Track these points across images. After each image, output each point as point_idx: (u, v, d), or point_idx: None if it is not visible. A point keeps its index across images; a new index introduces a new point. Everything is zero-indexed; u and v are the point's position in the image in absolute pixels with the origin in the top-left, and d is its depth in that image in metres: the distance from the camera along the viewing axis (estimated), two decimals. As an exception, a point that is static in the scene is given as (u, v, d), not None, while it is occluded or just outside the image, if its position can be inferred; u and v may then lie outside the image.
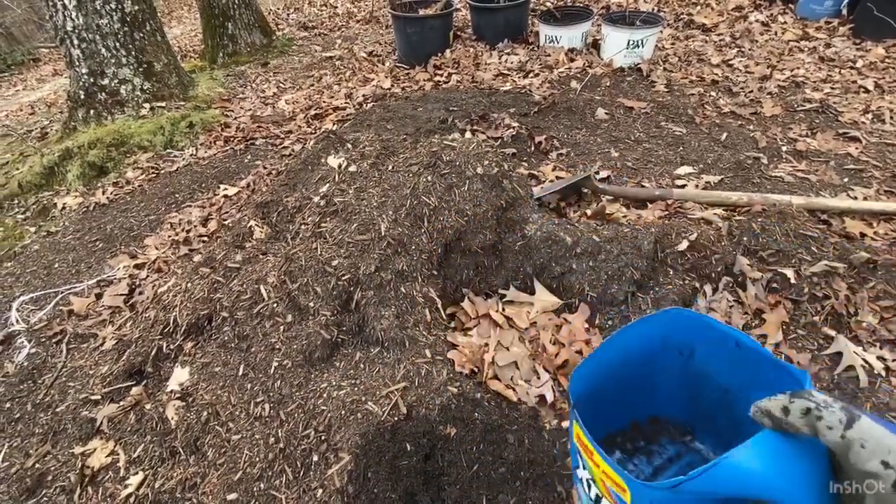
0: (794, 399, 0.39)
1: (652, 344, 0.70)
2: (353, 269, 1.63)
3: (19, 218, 2.95)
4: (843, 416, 0.36)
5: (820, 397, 0.38)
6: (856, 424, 0.36)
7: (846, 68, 3.13)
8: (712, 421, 0.77)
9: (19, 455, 1.59)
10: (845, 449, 0.36)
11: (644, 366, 0.73)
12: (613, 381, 0.72)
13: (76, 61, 3.50)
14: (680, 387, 0.77)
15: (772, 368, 0.60)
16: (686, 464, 0.78)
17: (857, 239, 1.84)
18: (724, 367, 0.68)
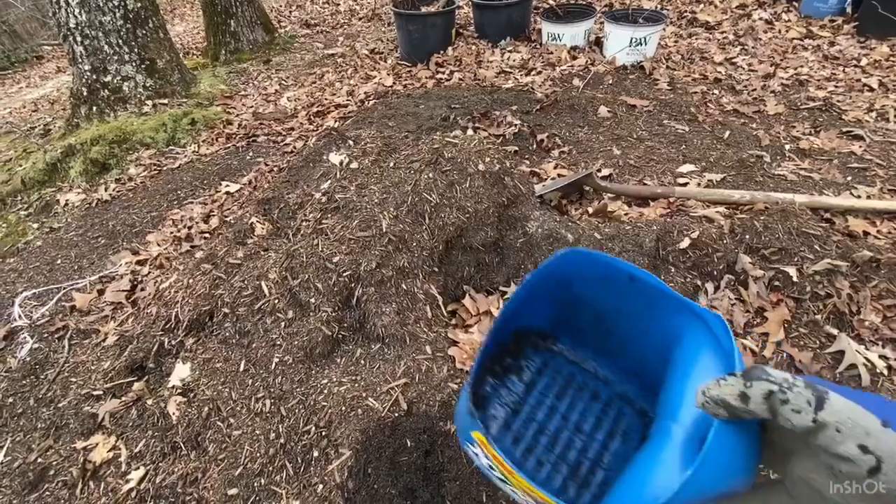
0: (751, 382, 0.33)
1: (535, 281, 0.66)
2: (354, 265, 1.63)
3: (22, 214, 2.96)
4: (810, 395, 0.31)
5: (778, 375, 0.33)
6: (826, 404, 0.31)
7: (850, 66, 3.11)
8: (579, 331, 0.77)
9: (22, 449, 1.59)
10: (813, 432, 0.31)
11: (520, 303, 0.69)
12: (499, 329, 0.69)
13: (79, 58, 3.51)
14: (551, 307, 0.75)
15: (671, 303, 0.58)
16: (554, 370, 0.78)
17: (860, 237, 1.84)
18: (607, 295, 0.67)
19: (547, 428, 0.72)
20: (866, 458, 0.29)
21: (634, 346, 0.69)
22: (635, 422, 0.72)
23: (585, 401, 0.75)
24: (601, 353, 0.77)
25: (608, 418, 0.73)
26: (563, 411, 0.74)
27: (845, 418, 0.30)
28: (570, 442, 0.71)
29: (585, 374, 0.78)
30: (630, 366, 0.73)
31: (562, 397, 0.75)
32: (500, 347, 0.78)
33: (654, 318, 0.62)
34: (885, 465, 0.28)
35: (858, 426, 0.29)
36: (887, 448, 0.28)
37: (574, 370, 0.78)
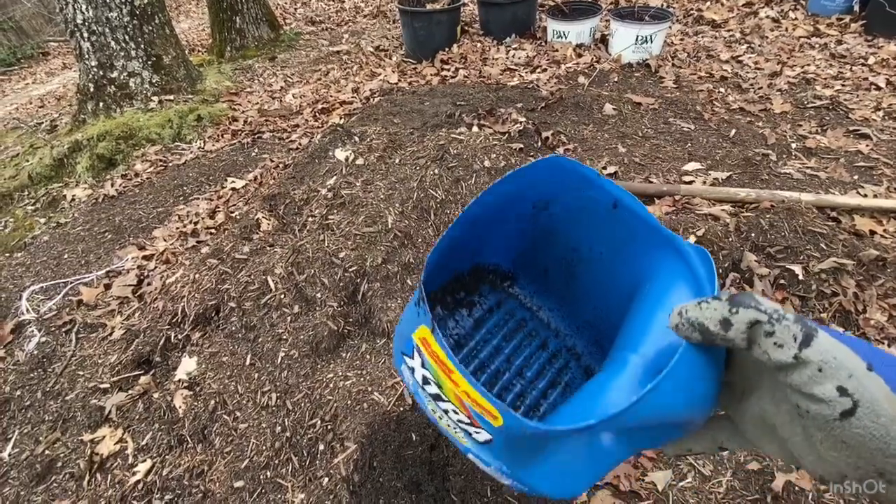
0: (737, 308, 0.30)
1: (507, 199, 0.60)
2: (359, 260, 1.64)
3: (29, 209, 2.98)
4: (797, 331, 0.29)
5: (769, 305, 0.30)
6: (814, 342, 0.28)
7: (857, 65, 3.10)
8: (542, 273, 0.72)
9: (30, 442, 1.61)
10: (789, 369, 0.29)
11: (491, 219, 0.63)
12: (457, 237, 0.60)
13: (86, 54, 3.52)
14: (519, 239, 0.69)
15: (653, 236, 0.52)
16: (506, 312, 0.75)
17: (866, 236, 1.83)
18: (584, 227, 0.61)
19: (488, 366, 0.69)
20: (842, 399, 0.27)
21: (600, 293, 0.65)
22: (579, 376, 0.69)
23: (532, 348, 0.72)
24: (560, 298, 0.73)
25: (552, 369, 0.70)
26: (508, 353, 0.71)
27: (831, 358, 0.28)
28: (510, 384, 0.68)
29: (538, 321, 0.74)
30: (587, 316, 0.70)
31: (509, 340, 0.72)
32: (455, 278, 0.74)
33: (628, 256, 0.57)
34: (860, 410, 0.27)
35: (843, 367, 0.27)
36: (868, 392, 0.27)
37: (527, 316, 0.75)
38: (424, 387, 0.50)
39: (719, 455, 1.32)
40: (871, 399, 0.27)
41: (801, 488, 1.22)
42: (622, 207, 0.54)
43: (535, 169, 0.56)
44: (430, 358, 0.47)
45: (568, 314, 0.74)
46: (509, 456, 0.46)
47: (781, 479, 1.23)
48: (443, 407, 0.49)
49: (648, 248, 0.53)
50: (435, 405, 0.50)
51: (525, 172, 0.56)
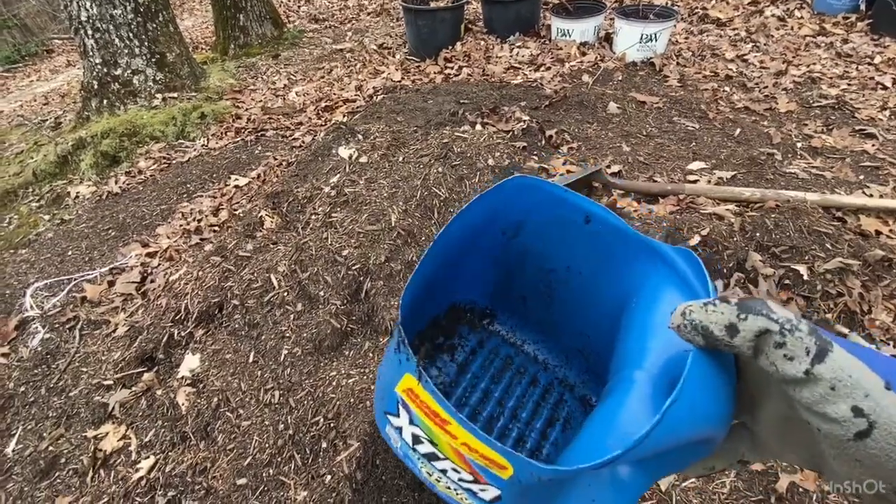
0: (745, 314, 0.28)
1: (475, 225, 0.56)
2: (363, 258, 1.64)
3: (33, 206, 2.99)
4: (811, 344, 0.26)
5: (781, 313, 0.28)
6: (828, 358, 0.26)
7: (863, 64, 3.08)
8: (521, 302, 0.69)
9: (33, 438, 1.62)
10: (799, 384, 0.27)
11: (461, 252, 0.59)
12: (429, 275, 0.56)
13: (90, 51, 3.53)
14: (493, 269, 0.66)
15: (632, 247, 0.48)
16: (490, 351, 0.71)
17: (872, 237, 1.82)
18: (558, 246, 0.58)
19: (480, 413, 0.65)
20: (858, 420, 0.25)
21: (584, 316, 0.62)
22: (577, 409, 0.66)
23: (523, 386, 0.69)
24: (544, 328, 0.70)
25: (547, 405, 0.66)
26: (499, 396, 0.67)
27: (845, 376, 0.26)
28: (505, 429, 0.64)
29: (524, 356, 0.71)
30: (575, 343, 0.67)
31: (497, 381, 0.68)
32: (432, 323, 0.71)
33: (609, 272, 0.53)
34: (876, 431, 0.25)
35: (859, 386, 0.25)
36: (886, 413, 0.25)
37: (511, 352, 0.72)
38: (416, 447, 0.45)
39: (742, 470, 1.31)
40: (889, 420, 0.25)
41: (805, 489, 1.21)
42: (596, 221, 0.51)
43: (500, 191, 0.53)
44: (420, 411, 0.42)
45: (554, 344, 0.71)
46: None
47: (785, 480, 1.22)
48: (440, 467, 0.44)
49: (629, 259, 0.50)
50: (430, 467, 0.45)
51: (490, 196, 0.53)
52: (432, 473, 0.45)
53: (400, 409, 0.45)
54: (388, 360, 0.47)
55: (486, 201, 0.53)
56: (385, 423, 0.49)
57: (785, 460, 0.35)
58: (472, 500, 0.43)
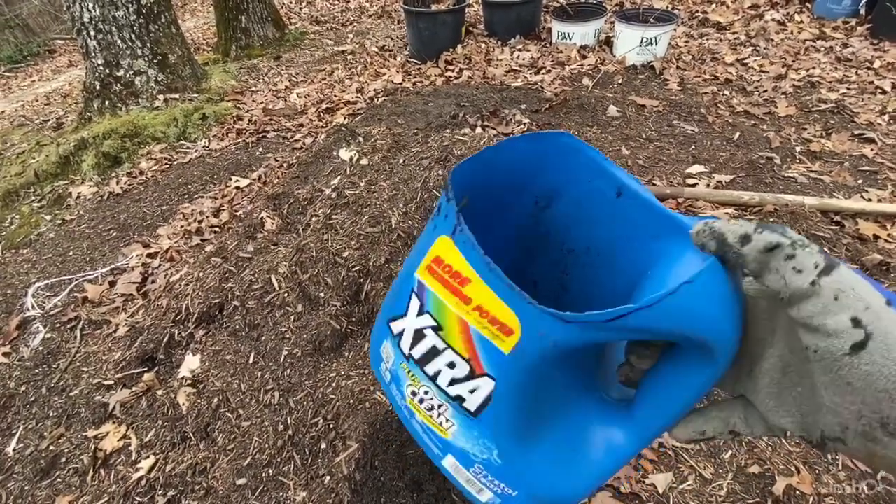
0: (762, 229, 0.30)
1: (511, 180, 0.51)
2: (363, 260, 1.65)
3: (35, 206, 3.00)
4: (820, 259, 0.28)
5: (796, 234, 0.29)
6: (835, 272, 0.27)
7: (863, 69, 3.09)
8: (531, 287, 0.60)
9: (34, 437, 1.62)
10: (804, 297, 0.28)
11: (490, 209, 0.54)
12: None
13: (92, 52, 3.54)
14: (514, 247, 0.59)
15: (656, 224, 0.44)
16: None
17: (870, 241, 1.83)
18: (583, 223, 0.52)
19: None
20: (855, 331, 0.26)
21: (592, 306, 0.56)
22: None
23: None
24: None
25: None
26: None
27: (849, 288, 0.27)
28: None
29: None
30: None
31: None
32: None
33: (627, 254, 0.49)
34: (871, 343, 0.26)
35: (861, 298, 0.26)
36: (882, 325, 0.26)
37: None
38: (412, 351, 0.42)
39: (732, 443, 1.32)
40: (885, 332, 0.26)
41: (802, 492, 1.22)
42: (627, 195, 0.46)
43: (541, 143, 0.46)
44: (439, 285, 0.39)
45: None
46: (509, 422, 0.39)
47: (782, 483, 1.23)
48: (432, 369, 0.41)
49: (651, 238, 0.46)
50: (422, 380, 0.42)
51: (532, 146, 0.46)
52: (417, 391, 0.43)
53: (410, 302, 0.42)
54: (418, 246, 0.44)
55: (527, 148, 0.47)
56: (382, 339, 0.47)
57: (778, 425, 0.35)
58: (454, 417, 0.41)
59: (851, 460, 1.28)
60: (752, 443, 1.33)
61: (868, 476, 1.24)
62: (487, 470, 0.42)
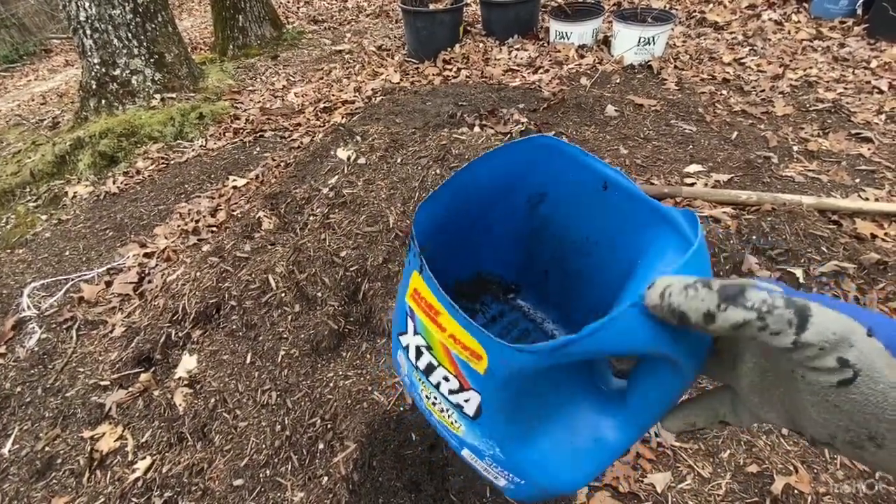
0: (725, 305, 0.28)
1: (500, 184, 0.54)
2: (361, 260, 1.64)
3: (31, 206, 2.98)
4: (791, 315, 0.27)
5: (757, 298, 0.27)
6: (810, 323, 0.26)
7: (860, 68, 3.10)
8: (543, 277, 0.66)
9: (30, 438, 1.61)
10: (790, 350, 0.28)
11: (485, 212, 0.58)
12: (452, 231, 0.56)
13: (88, 51, 3.53)
14: (515, 240, 0.63)
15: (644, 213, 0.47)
16: (509, 322, 0.69)
17: (867, 240, 1.83)
18: (578, 215, 0.55)
19: None
20: (843, 370, 0.26)
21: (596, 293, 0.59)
22: None
23: None
24: (562, 306, 0.68)
25: None
26: None
27: (830, 335, 0.26)
28: None
29: (542, 333, 0.69)
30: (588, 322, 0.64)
31: None
32: (455, 288, 0.68)
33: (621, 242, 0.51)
34: (859, 378, 0.26)
35: (843, 339, 0.26)
36: (868, 360, 0.26)
37: (530, 327, 0.69)
38: (418, 363, 0.46)
39: (723, 432, 1.32)
40: (871, 366, 0.26)
41: (801, 491, 1.22)
42: (613, 187, 0.49)
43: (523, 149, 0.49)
44: (421, 311, 0.43)
45: (573, 326, 0.68)
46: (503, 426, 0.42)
47: (781, 482, 1.23)
48: (434, 379, 0.44)
49: (641, 226, 0.48)
50: (428, 385, 0.45)
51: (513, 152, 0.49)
52: (429, 396, 0.46)
53: (408, 322, 0.46)
54: (404, 272, 0.47)
55: (509, 157, 0.50)
56: (397, 349, 0.50)
57: (765, 419, 0.36)
58: (460, 419, 0.44)
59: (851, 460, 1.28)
60: (751, 442, 1.33)
61: (867, 475, 1.24)
62: (496, 462, 0.44)
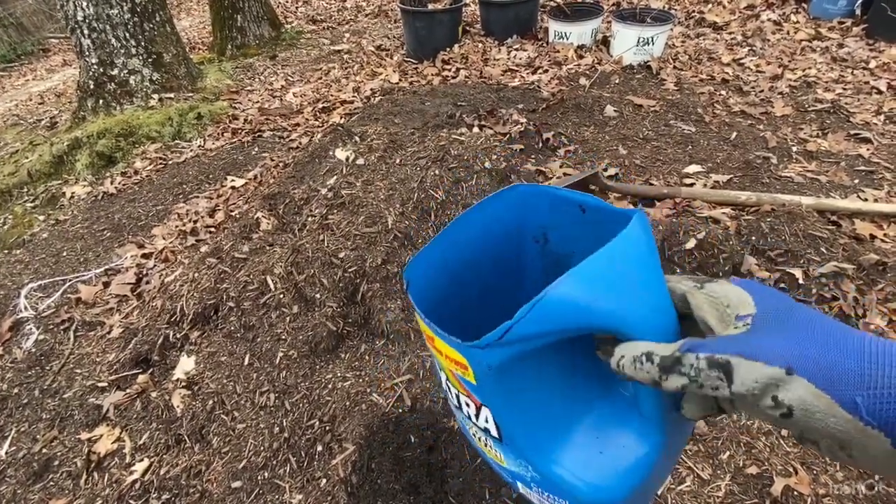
0: (666, 374, 0.34)
1: (509, 230, 0.60)
2: (359, 261, 1.63)
3: (28, 206, 2.97)
4: (718, 374, 0.32)
5: (687, 363, 0.33)
6: (735, 376, 0.32)
7: (859, 69, 3.10)
8: None
9: (27, 440, 1.61)
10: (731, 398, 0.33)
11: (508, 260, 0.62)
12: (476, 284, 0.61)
13: (86, 51, 3.52)
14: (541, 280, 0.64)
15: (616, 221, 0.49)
16: None
17: (866, 241, 1.83)
18: (574, 243, 0.59)
19: None
20: (779, 409, 0.30)
21: None
22: None
23: None
24: None
25: None
26: None
27: (752, 383, 0.31)
28: None
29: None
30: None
31: None
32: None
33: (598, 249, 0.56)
34: (796, 412, 0.30)
35: (767, 386, 0.31)
36: (795, 396, 0.30)
37: None
38: (459, 403, 0.49)
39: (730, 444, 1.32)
40: (801, 401, 0.30)
41: (800, 493, 1.22)
42: (590, 210, 0.53)
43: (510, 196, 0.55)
44: (432, 349, 0.46)
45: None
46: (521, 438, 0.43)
47: (780, 484, 1.22)
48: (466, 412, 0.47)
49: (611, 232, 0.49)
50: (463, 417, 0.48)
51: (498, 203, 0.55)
52: (475, 434, 0.48)
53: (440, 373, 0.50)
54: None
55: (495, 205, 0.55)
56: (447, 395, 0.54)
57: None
58: (495, 447, 0.46)
59: (849, 461, 1.28)
60: (751, 443, 1.32)
61: (866, 476, 1.24)
62: (536, 485, 0.45)
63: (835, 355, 0.30)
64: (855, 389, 0.28)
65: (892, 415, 0.27)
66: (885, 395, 0.28)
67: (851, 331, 0.32)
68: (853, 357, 0.29)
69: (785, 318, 0.34)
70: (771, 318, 0.34)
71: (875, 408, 0.28)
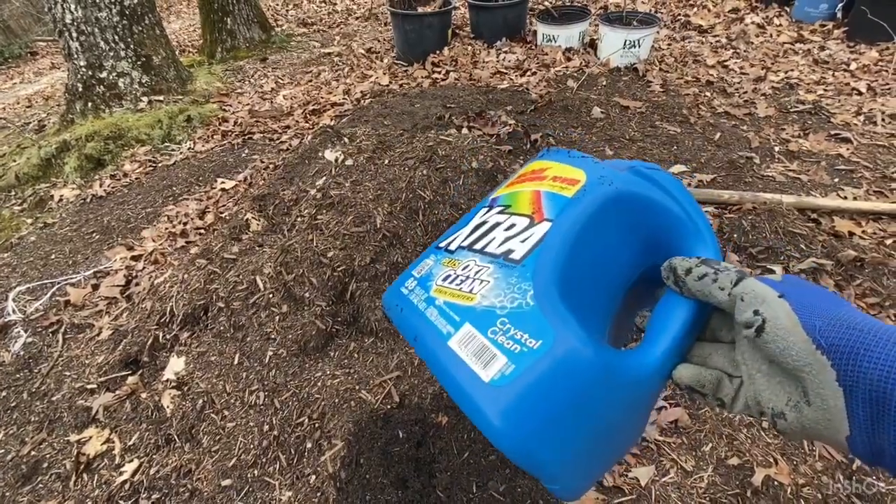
0: (701, 265, 0.42)
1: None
2: (348, 260, 1.65)
3: (16, 209, 2.95)
4: (733, 275, 0.40)
5: (721, 264, 0.42)
6: (741, 282, 0.39)
7: (840, 71, 3.16)
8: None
9: (15, 442, 1.60)
10: (731, 306, 0.39)
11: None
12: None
13: (74, 54, 3.50)
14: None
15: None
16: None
17: (845, 237, 1.87)
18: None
19: None
20: (756, 318, 0.36)
21: None
22: None
23: None
24: None
25: None
26: None
27: (750, 290, 0.38)
28: None
29: None
30: None
31: None
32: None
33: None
34: (767, 325, 0.36)
35: (758, 296, 0.37)
36: (772, 311, 0.36)
37: None
38: (463, 243, 0.51)
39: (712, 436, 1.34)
40: (774, 316, 0.36)
41: (780, 483, 1.25)
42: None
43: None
44: (519, 183, 0.54)
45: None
46: (551, 262, 0.43)
47: (761, 474, 1.25)
48: (481, 244, 0.49)
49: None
50: (469, 255, 0.49)
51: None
52: (451, 275, 0.49)
53: (476, 214, 0.55)
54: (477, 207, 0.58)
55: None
56: (421, 261, 0.55)
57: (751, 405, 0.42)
58: (496, 271, 0.45)
59: (827, 450, 1.31)
60: (732, 435, 1.35)
61: (844, 466, 1.27)
62: (513, 320, 0.41)
63: (823, 303, 0.36)
64: (819, 318, 0.35)
65: (838, 340, 0.33)
66: (837, 323, 0.34)
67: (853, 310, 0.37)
68: (836, 308, 0.36)
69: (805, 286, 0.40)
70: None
71: (827, 330, 0.34)
